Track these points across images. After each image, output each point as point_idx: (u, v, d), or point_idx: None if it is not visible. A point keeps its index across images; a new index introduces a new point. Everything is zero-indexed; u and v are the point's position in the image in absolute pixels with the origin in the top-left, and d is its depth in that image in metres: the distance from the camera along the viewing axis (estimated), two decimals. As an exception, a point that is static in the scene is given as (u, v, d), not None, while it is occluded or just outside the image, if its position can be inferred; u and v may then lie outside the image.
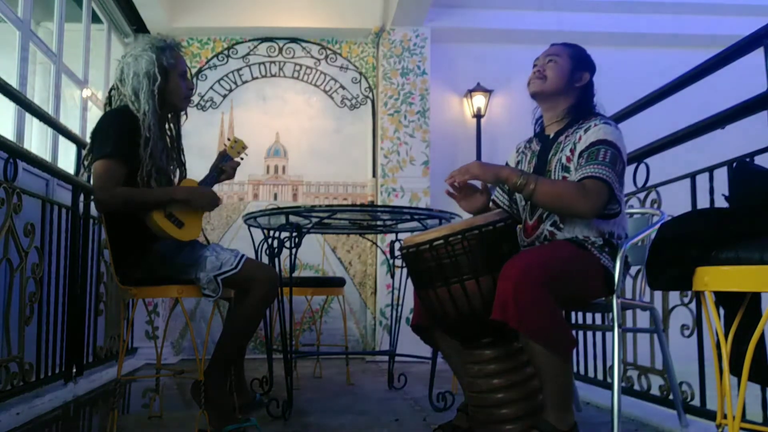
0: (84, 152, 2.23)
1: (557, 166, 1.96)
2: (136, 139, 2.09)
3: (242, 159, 2.47)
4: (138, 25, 4.94)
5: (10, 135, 3.18)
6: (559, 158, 1.96)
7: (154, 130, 2.12)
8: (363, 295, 4.95)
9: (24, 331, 2.40)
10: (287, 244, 2.59)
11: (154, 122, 2.14)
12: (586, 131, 1.92)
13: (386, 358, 3.39)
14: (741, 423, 1.26)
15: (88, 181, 2.97)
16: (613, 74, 4.77)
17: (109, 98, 2.23)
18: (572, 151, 1.93)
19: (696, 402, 2.22)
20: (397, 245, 2.84)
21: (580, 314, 2.88)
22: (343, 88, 5.15)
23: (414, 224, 2.96)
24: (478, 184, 2.13)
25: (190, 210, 2.19)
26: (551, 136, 2.05)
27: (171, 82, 2.19)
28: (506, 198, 2.19)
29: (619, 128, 1.93)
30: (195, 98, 4.92)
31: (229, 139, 2.47)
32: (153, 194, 2.10)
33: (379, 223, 3.23)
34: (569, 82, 2.02)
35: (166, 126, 2.31)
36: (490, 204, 2.15)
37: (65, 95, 4.09)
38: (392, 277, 3.35)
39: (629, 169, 2.42)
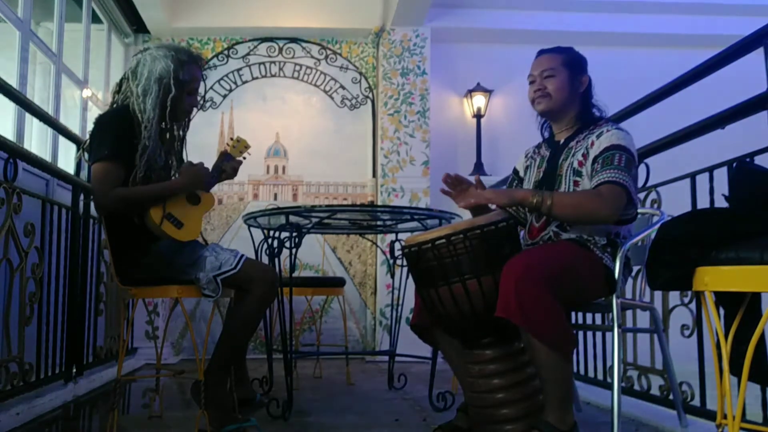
0: (82, 147, 2.22)
1: (568, 170, 1.97)
2: (134, 141, 2.09)
3: (244, 158, 2.46)
4: (138, 25, 4.94)
5: (10, 135, 3.18)
6: (571, 162, 1.97)
7: (154, 138, 2.12)
8: (363, 295, 4.95)
9: (24, 331, 2.40)
10: (287, 244, 2.59)
11: (156, 131, 2.14)
12: (598, 136, 1.93)
13: (386, 358, 3.39)
14: (741, 423, 1.26)
15: (88, 180, 2.97)
16: (613, 74, 4.79)
17: (119, 86, 2.23)
18: (585, 156, 1.93)
19: (696, 402, 2.22)
20: (397, 245, 2.84)
21: (580, 314, 2.88)
22: (343, 88, 5.15)
23: (414, 224, 2.96)
24: (471, 179, 2.05)
25: (193, 201, 2.19)
26: (561, 141, 2.06)
27: (178, 96, 2.18)
28: None
29: (630, 134, 1.94)
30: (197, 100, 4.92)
31: (231, 139, 2.46)
32: (151, 191, 2.10)
33: (379, 223, 3.23)
34: (572, 92, 2.03)
35: (174, 132, 2.30)
36: (494, 206, 2.15)
37: (65, 95, 4.09)
38: (392, 277, 3.35)
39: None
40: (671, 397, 2.22)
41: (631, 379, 2.59)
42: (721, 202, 1.61)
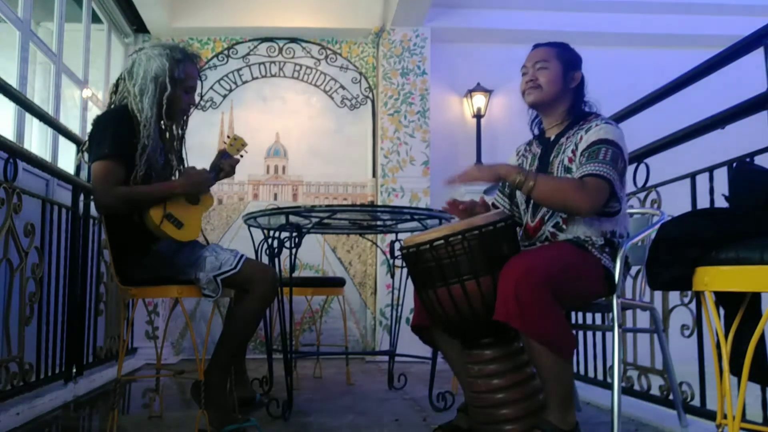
0: (82, 149, 2.22)
1: (559, 167, 1.96)
2: (133, 140, 2.09)
3: (242, 156, 2.46)
4: (138, 25, 4.94)
5: (10, 135, 3.18)
6: (561, 159, 1.97)
7: (153, 137, 2.12)
8: (363, 295, 4.95)
9: (24, 331, 2.40)
10: (287, 244, 2.59)
11: (155, 129, 2.14)
12: (587, 131, 1.92)
13: (386, 358, 3.39)
14: (741, 423, 1.26)
15: (88, 180, 2.97)
16: (613, 74, 4.81)
17: (116, 87, 2.23)
18: (574, 152, 1.93)
19: (696, 402, 2.22)
20: (397, 245, 2.83)
21: (580, 314, 2.88)
22: (343, 88, 5.15)
23: (414, 224, 2.96)
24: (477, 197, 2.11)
25: (192, 201, 2.20)
26: (552, 138, 2.05)
27: (174, 94, 2.19)
28: (507, 201, 2.19)
29: (620, 128, 1.93)
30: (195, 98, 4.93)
31: (228, 137, 2.47)
32: (152, 191, 2.10)
33: (379, 223, 3.23)
34: (564, 86, 2.02)
35: (174, 130, 2.30)
36: (491, 205, 2.15)
37: (65, 95, 4.09)
38: (392, 277, 3.35)
39: (629, 169, 2.42)
40: (671, 397, 2.22)
41: (631, 379, 2.58)
42: (721, 202, 1.61)
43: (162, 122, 2.24)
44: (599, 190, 1.80)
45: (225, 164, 2.36)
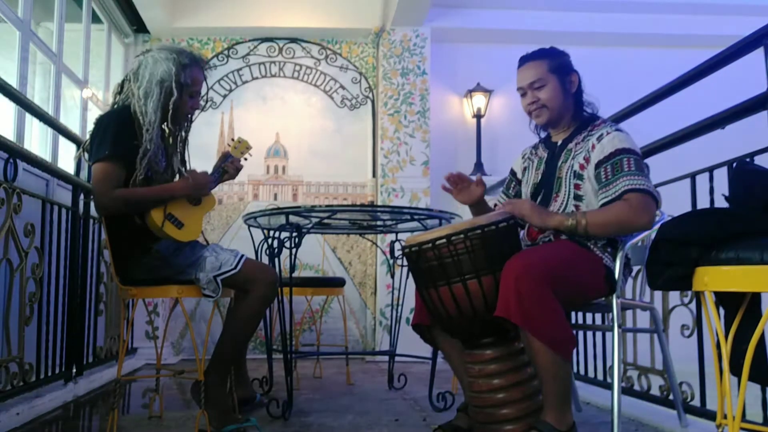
0: (83, 147, 2.22)
1: (569, 173, 1.96)
2: (134, 142, 2.09)
3: (246, 159, 2.46)
4: (138, 25, 4.94)
5: (10, 135, 3.18)
6: (571, 165, 1.96)
7: (156, 141, 2.12)
8: (363, 295, 4.95)
9: (24, 331, 2.40)
10: (287, 244, 2.59)
11: (158, 134, 2.14)
12: (599, 139, 1.92)
13: (386, 358, 3.39)
14: (741, 423, 1.26)
15: (88, 180, 2.97)
16: (613, 74, 4.81)
17: (121, 87, 2.22)
18: (586, 159, 1.93)
19: (696, 402, 2.22)
20: (397, 245, 2.84)
21: (580, 314, 2.88)
22: (343, 88, 5.15)
23: (414, 224, 2.96)
24: (473, 177, 2.14)
25: (193, 202, 2.20)
26: (559, 143, 2.05)
27: (180, 100, 2.18)
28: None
29: (629, 133, 1.94)
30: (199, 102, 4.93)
31: (233, 140, 2.47)
32: (152, 193, 2.10)
33: (379, 223, 3.23)
34: (566, 96, 2.02)
35: (177, 132, 2.30)
36: (494, 206, 2.14)
37: (65, 95, 4.09)
38: (392, 277, 3.35)
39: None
40: (671, 397, 2.22)
41: (631, 379, 2.59)
42: (721, 202, 1.61)
43: (165, 125, 2.24)
44: (647, 204, 1.80)
45: (229, 167, 2.36)
